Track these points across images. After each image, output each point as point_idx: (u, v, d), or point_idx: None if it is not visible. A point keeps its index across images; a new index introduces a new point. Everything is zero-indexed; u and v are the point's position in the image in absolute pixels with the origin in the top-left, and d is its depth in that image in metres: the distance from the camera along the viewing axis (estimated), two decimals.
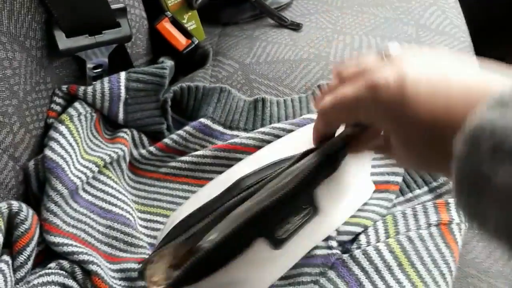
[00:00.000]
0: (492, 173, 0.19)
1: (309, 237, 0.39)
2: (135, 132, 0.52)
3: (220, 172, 0.49)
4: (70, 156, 0.44)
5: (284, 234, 0.34)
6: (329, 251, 0.41)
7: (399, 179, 0.46)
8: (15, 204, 0.39)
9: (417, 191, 0.46)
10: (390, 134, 0.28)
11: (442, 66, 0.26)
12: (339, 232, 0.43)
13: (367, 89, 0.27)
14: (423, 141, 0.26)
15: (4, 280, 0.35)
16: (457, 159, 0.21)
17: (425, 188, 0.45)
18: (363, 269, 0.39)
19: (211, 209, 0.35)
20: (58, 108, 0.49)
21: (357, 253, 0.40)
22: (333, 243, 0.42)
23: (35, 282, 0.37)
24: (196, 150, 0.51)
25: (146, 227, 0.47)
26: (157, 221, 0.47)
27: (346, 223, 0.43)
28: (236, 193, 0.35)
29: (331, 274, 0.40)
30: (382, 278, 0.38)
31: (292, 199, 0.33)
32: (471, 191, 0.21)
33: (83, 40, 0.49)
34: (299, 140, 0.41)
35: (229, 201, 0.34)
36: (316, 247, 0.41)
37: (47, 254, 0.41)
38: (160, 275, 0.34)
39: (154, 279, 0.34)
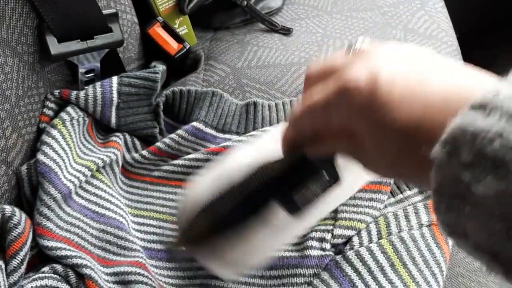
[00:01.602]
0: (472, 182, 0.17)
1: (323, 204, 0.37)
2: (127, 136, 0.52)
3: None
4: (63, 160, 0.44)
5: (301, 200, 0.33)
6: (323, 253, 0.42)
7: (391, 179, 0.46)
8: (8, 208, 0.39)
9: (408, 192, 0.46)
10: (364, 139, 0.25)
11: (420, 64, 0.24)
12: (333, 236, 0.43)
13: (336, 94, 0.25)
14: (397, 148, 0.23)
15: None
16: (436, 167, 0.19)
17: (415, 189, 0.46)
18: (356, 270, 0.39)
19: (238, 196, 0.34)
20: (50, 112, 0.49)
21: (350, 254, 0.41)
22: (327, 246, 0.42)
23: (29, 286, 0.37)
24: (188, 153, 0.51)
25: (139, 231, 0.47)
26: (150, 225, 0.47)
27: (340, 227, 0.43)
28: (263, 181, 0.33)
29: (324, 275, 0.40)
30: (375, 278, 0.39)
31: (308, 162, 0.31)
32: (450, 203, 0.19)
33: (75, 45, 0.49)
34: None
35: (257, 189, 0.33)
36: (310, 248, 0.41)
37: (40, 258, 0.41)
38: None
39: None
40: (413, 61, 0.24)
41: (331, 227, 0.43)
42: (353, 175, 0.39)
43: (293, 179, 0.32)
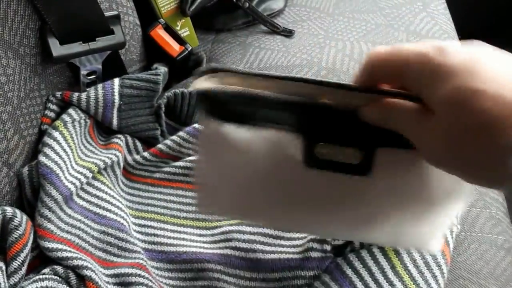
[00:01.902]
0: None
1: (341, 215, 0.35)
2: (129, 138, 0.52)
3: None
4: (64, 162, 0.45)
5: (322, 154, 0.30)
6: (324, 255, 0.42)
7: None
8: (9, 210, 0.39)
9: None
10: (433, 119, 0.24)
11: None
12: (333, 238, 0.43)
13: (433, 47, 0.24)
14: (474, 126, 0.22)
15: None
16: None
17: None
18: (356, 272, 0.39)
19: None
20: (52, 114, 0.49)
21: (351, 256, 0.40)
22: (328, 247, 0.42)
23: (29, 287, 0.37)
24: (190, 155, 0.51)
25: (140, 232, 0.47)
26: (151, 226, 0.47)
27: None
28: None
29: (325, 277, 0.40)
30: (376, 280, 0.39)
31: (351, 116, 0.28)
32: None
33: (77, 47, 0.50)
34: None
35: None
36: (311, 250, 0.41)
37: (41, 259, 0.41)
38: (211, 85, 0.30)
39: (204, 84, 0.30)
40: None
41: None
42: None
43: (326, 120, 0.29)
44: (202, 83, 0.29)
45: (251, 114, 0.30)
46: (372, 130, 0.28)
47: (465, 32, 0.82)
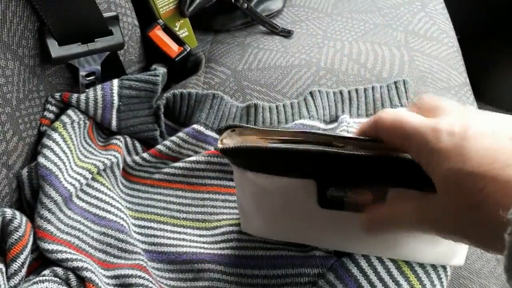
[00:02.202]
0: None
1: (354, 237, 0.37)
2: (128, 139, 0.52)
3: (214, 178, 0.50)
4: (64, 163, 0.44)
5: (335, 195, 0.33)
6: (328, 254, 0.41)
7: None
8: (9, 211, 0.39)
9: None
10: (436, 195, 0.26)
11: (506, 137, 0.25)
12: None
13: (431, 129, 0.26)
14: (466, 203, 0.24)
15: None
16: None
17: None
18: (362, 271, 0.39)
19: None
20: (51, 115, 0.49)
21: (356, 254, 0.40)
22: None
23: None
24: (189, 156, 0.51)
25: (140, 233, 0.47)
26: (151, 227, 0.47)
27: None
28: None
29: (330, 276, 0.40)
30: (381, 280, 0.39)
31: (363, 171, 0.31)
32: None
33: (75, 48, 0.49)
34: None
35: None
36: (314, 248, 0.41)
37: (41, 261, 0.41)
38: (230, 140, 0.34)
39: (224, 141, 0.34)
40: (500, 131, 0.25)
41: None
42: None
43: (341, 168, 0.31)
44: (225, 139, 0.34)
45: (265, 165, 0.34)
46: (383, 173, 0.31)
47: (463, 31, 0.82)
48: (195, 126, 0.51)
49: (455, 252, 0.37)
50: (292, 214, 0.37)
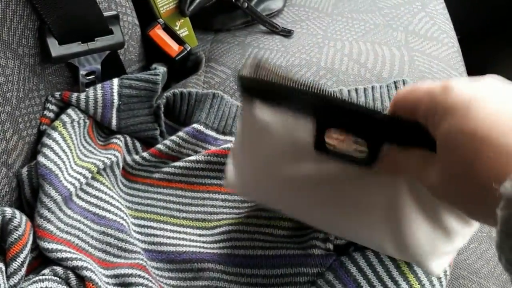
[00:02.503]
0: None
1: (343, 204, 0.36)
2: (128, 138, 0.52)
3: (214, 178, 0.50)
4: (64, 162, 0.44)
5: (329, 139, 0.33)
6: (327, 252, 0.41)
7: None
8: (9, 210, 0.39)
9: None
10: (436, 156, 0.26)
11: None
12: (336, 236, 0.43)
13: (441, 86, 0.26)
14: (464, 169, 0.23)
15: None
16: (504, 203, 0.19)
17: None
18: (361, 271, 0.39)
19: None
20: (51, 115, 0.49)
21: (356, 254, 0.40)
22: (331, 246, 0.42)
23: None
24: (189, 155, 0.51)
25: (140, 233, 0.47)
26: (151, 227, 0.47)
27: None
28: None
29: (329, 275, 0.40)
30: (380, 279, 0.39)
31: (367, 113, 0.30)
32: None
33: (75, 47, 0.49)
34: None
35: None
36: (314, 247, 0.41)
37: (41, 260, 0.41)
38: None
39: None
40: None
41: None
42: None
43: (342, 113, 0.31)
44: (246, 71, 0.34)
45: (275, 96, 0.34)
46: (381, 126, 0.30)
47: (463, 32, 0.82)
48: (195, 125, 0.51)
49: (436, 257, 0.36)
50: (286, 163, 0.36)
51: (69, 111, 0.49)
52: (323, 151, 0.33)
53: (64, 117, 0.48)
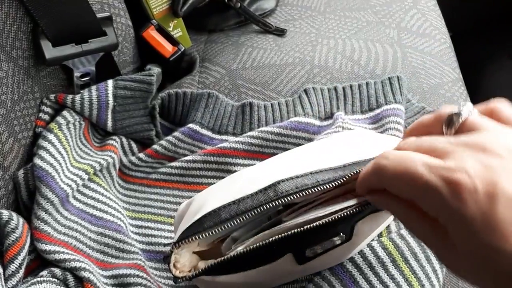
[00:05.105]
0: None
1: (331, 258, 0.38)
2: (124, 139, 0.52)
3: (210, 177, 0.50)
4: (60, 164, 0.44)
5: (311, 254, 0.34)
6: None
7: None
8: (5, 213, 0.39)
9: None
10: (457, 249, 0.23)
11: None
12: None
13: (446, 183, 0.22)
14: (495, 280, 0.21)
15: None
16: None
17: None
18: (357, 266, 0.39)
19: (245, 206, 0.33)
20: (46, 117, 0.49)
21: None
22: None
23: None
24: (185, 155, 0.51)
25: (137, 233, 0.47)
26: (148, 227, 0.47)
27: None
28: (274, 196, 0.32)
29: (325, 272, 0.40)
30: (376, 274, 0.39)
31: (333, 228, 0.32)
32: None
33: (69, 49, 0.49)
34: (335, 149, 0.38)
35: (266, 202, 0.32)
36: None
37: (39, 262, 0.41)
38: (185, 262, 0.34)
39: (178, 264, 0.34)
40: None
41: None
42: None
43: (314, 238, 0.34)
44: (177, 262, 0.34)
45: (237, 267, 0.34)
46: (347, 218, 0.32)
47: (456, 28, 0.83)
48: (190, 125, 0.51)
49: None
50: (266, 279, 0.37)
51: (65, 113, 0.49)
52: (306, 261, 0.35)
53: (59, 119, 0.48)
